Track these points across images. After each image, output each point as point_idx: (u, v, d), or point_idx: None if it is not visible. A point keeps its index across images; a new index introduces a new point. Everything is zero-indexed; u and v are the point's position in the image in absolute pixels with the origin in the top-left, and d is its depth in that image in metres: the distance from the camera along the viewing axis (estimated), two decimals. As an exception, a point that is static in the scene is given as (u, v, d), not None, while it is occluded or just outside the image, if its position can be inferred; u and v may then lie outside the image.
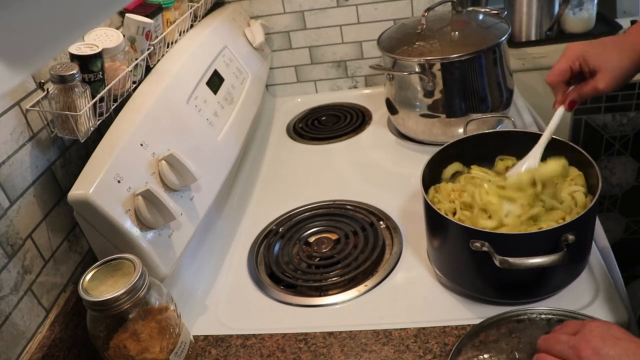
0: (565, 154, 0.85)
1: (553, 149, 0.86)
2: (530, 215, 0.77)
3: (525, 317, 0.73)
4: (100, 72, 0.79)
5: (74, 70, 0.73)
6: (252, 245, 1.02)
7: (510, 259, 0.70)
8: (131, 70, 0.87)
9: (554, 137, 0.86)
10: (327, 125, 1.39)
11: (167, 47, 1.05)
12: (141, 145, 0.82)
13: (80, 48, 0.76)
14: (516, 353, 0.68)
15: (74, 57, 0.76)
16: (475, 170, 0.89)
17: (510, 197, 0.79)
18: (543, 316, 0.72)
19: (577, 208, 0.78)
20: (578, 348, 0.56)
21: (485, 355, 0.69)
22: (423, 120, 1.16)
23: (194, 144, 0.94)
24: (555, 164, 0.82)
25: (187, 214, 0.86)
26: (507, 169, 0.89)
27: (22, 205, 0.74)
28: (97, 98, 0.79)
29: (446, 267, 0.83)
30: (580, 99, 0.80)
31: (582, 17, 1.39)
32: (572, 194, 0.80)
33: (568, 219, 0.76)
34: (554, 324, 0.71)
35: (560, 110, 0.82)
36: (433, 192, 0.88)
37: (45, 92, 0.78)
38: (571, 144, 0.84)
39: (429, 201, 0.79)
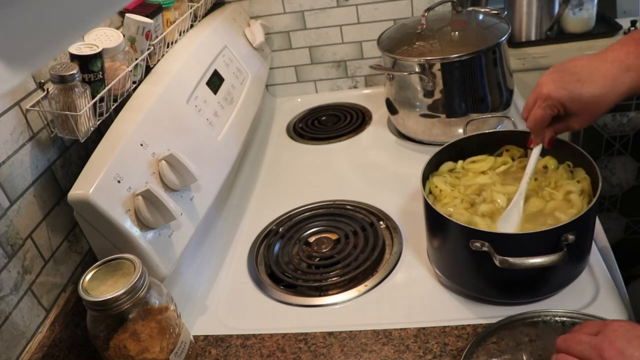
0: (565, 154, 0.85)
1: (553, 149, 0.86)
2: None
3: (540, 319, 0.71)
4: (100, 72, 0.79)
5: (74, 70, 0.73)
6: (252, 245, 1.02)
7: (510, 259, 0.70)
8: (131, 70, 0.87)
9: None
10: (327, 125, 1.39)
11: (167, 47, 1.05)
12: (141, 145, 0.82)
13: (80, 48, 0.76)
14: (531, 356, 0.67)
15: (74, 57, 0.76)
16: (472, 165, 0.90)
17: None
18: (558, 319, 0.71)
19: (572, 209, 0.78)
20: (601, 348, 0.53)
21: (499, 359, 0.68)
22: (423, 120, 1.16)
23: (194, 144, 0.94)
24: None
25: (187, 214, 0.86)
26: (512, 160, 0.90)
27: (22, 205, 0.74)
28: (97, 98, 0.79)
29: (446, 267, 0.83)
30: (555, 135, 0.80)
31: (582, 17, 1.38)
32: (567, 196, 0.80)
33: (558, 217, 0.77)
34: (569, 327, 0.69)
35: (538, 149, 0.81)
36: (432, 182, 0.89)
37: (45, 92, 0.78)
38: (571, 144, 0.84)
39: (429, 201, 0.79)
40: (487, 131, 0.93)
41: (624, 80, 0.72)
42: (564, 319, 0.71)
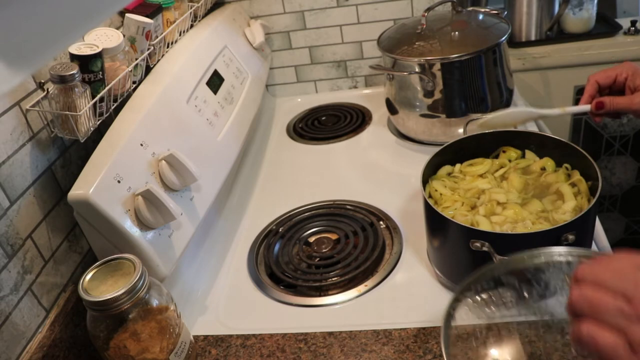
0: (565, 154, 0.85)
1: (553, 149, 0.86)
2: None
3: (542, 257, 0.65)
4: (100, 72, 0.79)
5: (74, 70, 0.73)
6: (252, 245, 1.02)
7: (510, 259, 0.69)
8: (131, 70, 0.87)
9: (553, 137, 0.86)
10: (327, 125, 1.39)
11: (167, 47, 1.05)
12: (141, 145, 0.82)
13: (80, 48, 0.76)
14: (526, 293, 0.64)
15: (74, 57, 0.76)
16: (469, 167, 0.90)
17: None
18: (562, 258, 0.65)
19: (564, 206, 0.79)
20: None
21: (493, 296, 0.66)
22: (423, 120, 1.16)
23: (194, 144, 0.94)
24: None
25: (187, 214, 0.86)
26: (510, 162, 0.90)
27: (22, 205, 0.74)
28: (97, 98, 0.79)
29: (446, 267, 0.83)
30: (610, 106, 0.80)
31: (582, 17, 1.39)
32: (558, 189, 0.80)
33: (556, 214, 0.77)
34: (574, 266, 0.64)
35: (584, 107, 0.82)
36: (431, 185, 0.88)
37: (45, 92, 0.78)
38: (571, 144, 0.84)
39: (429, 201, 0.79)
40: (486, 131, 0.93)
41: None
42: (568, 258, 0.65)
